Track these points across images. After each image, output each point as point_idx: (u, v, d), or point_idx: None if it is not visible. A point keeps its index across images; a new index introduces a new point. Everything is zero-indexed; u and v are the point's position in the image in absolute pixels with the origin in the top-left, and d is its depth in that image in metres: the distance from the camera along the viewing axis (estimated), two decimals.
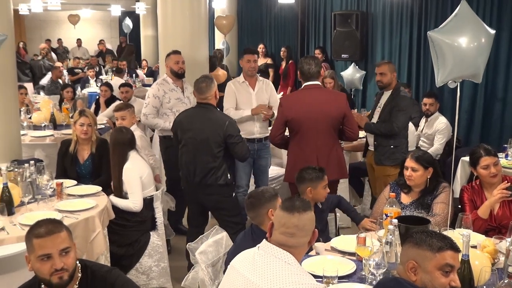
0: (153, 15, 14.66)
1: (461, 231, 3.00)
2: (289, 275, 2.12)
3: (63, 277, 2.27)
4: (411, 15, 7.78)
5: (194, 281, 2.93)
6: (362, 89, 8.86)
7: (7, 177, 3.74)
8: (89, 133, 4.57)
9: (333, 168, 4.35)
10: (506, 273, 2.59)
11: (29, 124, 6.55)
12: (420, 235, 2.21)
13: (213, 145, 4.21)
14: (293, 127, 4.36)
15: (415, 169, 3.62)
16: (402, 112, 4.77)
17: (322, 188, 3.65)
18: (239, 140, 4.28)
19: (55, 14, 18.90)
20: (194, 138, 4.27)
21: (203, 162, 4.23)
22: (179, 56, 5.24)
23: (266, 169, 5.44)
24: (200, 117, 4.30)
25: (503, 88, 6.46)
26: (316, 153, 4.31)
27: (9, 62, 5.13)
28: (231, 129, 4.23)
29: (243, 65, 5.23)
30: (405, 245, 2.29)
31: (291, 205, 2.26)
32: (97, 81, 10.96)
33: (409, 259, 2.19)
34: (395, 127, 4.75)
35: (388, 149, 4.82)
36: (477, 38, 3.15)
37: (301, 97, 4.42)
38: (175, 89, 5.23)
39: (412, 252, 2.19)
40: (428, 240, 2.17)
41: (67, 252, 2.29)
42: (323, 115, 4.30)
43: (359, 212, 5.99)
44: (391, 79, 4.87)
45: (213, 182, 4.24)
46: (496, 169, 3.56)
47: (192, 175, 4.29)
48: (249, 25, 12.73)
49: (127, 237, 4.17)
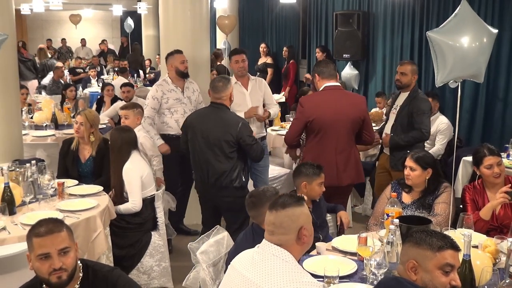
0: (154, 15, 14.68)
1: (462, 231, 3.00)
2: (287, 272, 2.13)
3: (62, 277, 2.27)
4: (412, 15, 7.77)
5: (195, 281, 2.93)
6: (363, 89, 8.87)
7: (8, 176, 3.73)
8: (80, 132, 4.55)
9: (351, 172, 4.33)
10: (507, 273, 2.59)
11: (31, 124, 6.56)
12: (420, 235, 2.21)
13: (225, 145, 4.16)
14: (314, 128, 4.26)
15: (413, 168, 3.62)
16: (425, 116, 4.67)
17: (317, 185, 3.65)
18: (254, 141, 4.23)
19: (56, 14, 18.93)
20: (207, 138, 4.21)
21: (216, 163, 4.19)
22: (181, 56, 5.22)
23: (265, 169, 5.43)
24: (212, 117, 4.25)
25: (504, 88, 6.45)
26: (336, 156, 4.25)
27: (10, 62, 5.13)
28: (244, 130, 4.18)
29: (232, 66, 5.25)
30: (405, 245, 2.29)
31: (273, 202, 2.30)
32: (98, 81, 10.97)
33: (409, 258, 2.19)
34: (425, 132, 4.64)
35: (405, 154, 4.74)
36: (477, 38, 3.14)
37: (324, 98, 4.31)
38: (175, 89, 5.20)
39: (412, 251, 2.19)
40: (428, 240, 2.17)
41: (66, 252, 2.28)
42: (346, 117, 4.24)
43: (360, 212, 6.04)
44: (411, 81, 4.76)
45: (228, 184, 4.20)
46: (499, 169, 3.55)
47: (206, 176, 4.25)
48: (250, 25, 12.72)
49: (128, 239, 4.17)
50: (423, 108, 4.67)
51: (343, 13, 8.91)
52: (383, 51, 8.45)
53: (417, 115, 4.64)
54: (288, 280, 2.10)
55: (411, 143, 4.65)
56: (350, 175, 4.32)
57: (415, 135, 4.65)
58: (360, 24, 8.59)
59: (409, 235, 2.30)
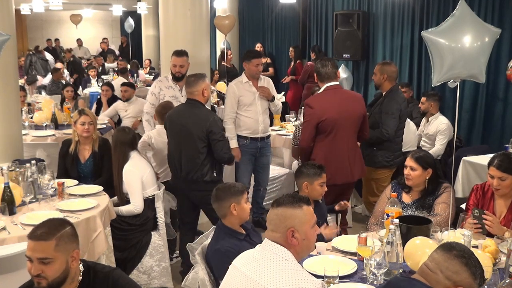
0: (154, 15, 14.68)
1: (462, 231, 3.01)
2: (286, 270, 2.14)
3: (41, 283, 2.24)
4: (412, 15, 7.77)
5: (194, 281, 2.93)
6: (364, 88, 8.86)
7: (8, 176, 3.74)
8: (91, 131, 4.58)
9: (359, 167, 4.47)
10: (507, 273, 2.59)
11: (31, 123, 6.56)
12: (480, 270, 2.15)
13: (197, 140, 4.20)
14: (325, 128, 4.27)
15: (414, 168, 3.61)
16: (391, 117, 4.73)
17: (318, 185, 3.66)
18: (221, 138, 4.24)
19: (56, 14, 18.95)
20: (180, 132, 4.29)
21: (188, 157, 4.24)
22: (177, 59, 5.23)
23: (267, 166, 5.48)
24: (187, 112, 4.31)
25: (504, 88, 6.45)
26: (348, 154, 4.33)
27: (10, 62, 5.12)
28: (214, 125, 4.20)
29: (250, 68, 5.18)
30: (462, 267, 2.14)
31: (275, 199, 2.35)
32: (98, 80, 10.97)
33: (460, 284, 2.11)
34: (385, 133, 4.73)
35: (372, 150, 4.81)
36: (475, 37, 3.13)
37: (329, 98, 4.34)
38: (173, 86, 5.29)
39: (467, 280, 2.12)
40: (480, 280, 2.14)
41: (47, 263, 2.23)
42: (354, 114, 4.34)
43: (360, 212, 6.04)
44: (380, 81, 4.86)
45: (198, 179, 4.24)
46: (499, 184, 3.33)
47: (179, 170, 4.31)
48: (250, 25, 12.72)
49: (129, 241, 4.18)
50: (390, 109, 4.75)
51: (343, 13, 8.91)
52: (383, 51, 8.45)
53: (383, 115, 4.74)
54: (287, 277, 2.11)
55: (372, 141, 4.78)
56: (358, 170, 4.46)
57: (376, 133, 4.76)
58: (360, 24, 8.59)
59: (467, 256, 2.16)
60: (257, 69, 5.19)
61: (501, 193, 3.39)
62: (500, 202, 3.43)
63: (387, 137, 4.76)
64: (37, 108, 7.18)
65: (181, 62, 5.23)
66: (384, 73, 4.86)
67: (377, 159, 4.82)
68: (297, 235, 2.22)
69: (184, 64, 5.25)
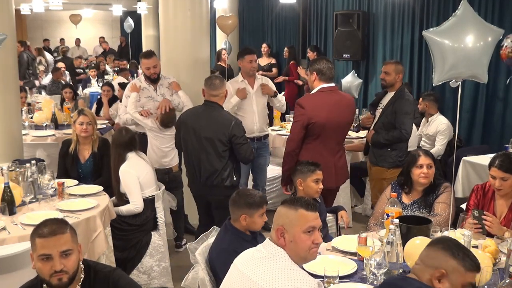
0: (154, 15, 14.64)
1: (462, 231, 3.01)
2: (283, 270, 2.16)
3: (62, 279, 2.26)
4: (412, 15, 7.77)
5: (194, 281, 2.93)
6: (364, 88, 8.84)
7: (8, 176, 3.73)
8: (89, 131, 4.57)
9: (344, 172, 4.42)
10: (507, 273, 2.59)
11: (31, 123, 6.56)
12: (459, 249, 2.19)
13: (218, 144, 4.15)
14: (314, 131, 4.13)
15: (431, 165, 3.62)
16: (408, 116, 4.68)
17: (312, 181, 3.65)
18: (244, 141, 4.20)
19: (56, 14, 18.94)
20: (199, 136, 4.20)
21: (208, 162, 4.18)
22: (149, 61, 5.09)
23: (265, 167, 5.47)
24: (206, 116, 4.23)
25: (504, 88, 6.45)
26: (334, 158, 4.24)
27: (10, 61, 5.12)
28: (236, 129, 4.15)
29: (244, 65, 5.19)
30: (438, 250, 2.21)
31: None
32: (98, 80, 10.97)
33: (440, 267, 2.15)
34: (404, 133, 4.65)
35: (385, 151, 4.77)
36: (480, 38, 3.13)
37: (323, 101, 4.17)
38: (147, 87, 5.16)
39: (447, 261, 2.16)
40: (467, 259, 2.16)
41: (68, 255, 2.28)
42: (344, 119, 4.25)
43: (360, 212, 6.04)
44: (395, 80, 4.75)
45: (219, 183, 4.19)
46: (500, 184, 3.34)
47: (198, 174, 4.25)
48: (250, 25, 12.72)
49: (129, 241, 4.18)
50: (406, 109, 4.69)
51: (343, 13, 8.91)
52: (383, 51, 8.44)
53: (399, 115, 4.67)
54: (283, 278, 2.13)
55: (390, 142, 4.72)
56: (343, 175, 4.41)
57: (396, 134, 4.69)
58: (360, 24, 8.59)
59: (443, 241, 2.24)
60: (251, 65, 5.17)
61: (503, 193, 3.40)
62: (500, 202, 3.45)
63: (406, 137, 4.70)
64: (37, 108, 7.18)
65: (153, 63, 5.10)
66: (399, 72, 4.78)
67: (391, 159, 4.76)
68: (286, 236, 2.23)
69: (156, 64, 5.14)
